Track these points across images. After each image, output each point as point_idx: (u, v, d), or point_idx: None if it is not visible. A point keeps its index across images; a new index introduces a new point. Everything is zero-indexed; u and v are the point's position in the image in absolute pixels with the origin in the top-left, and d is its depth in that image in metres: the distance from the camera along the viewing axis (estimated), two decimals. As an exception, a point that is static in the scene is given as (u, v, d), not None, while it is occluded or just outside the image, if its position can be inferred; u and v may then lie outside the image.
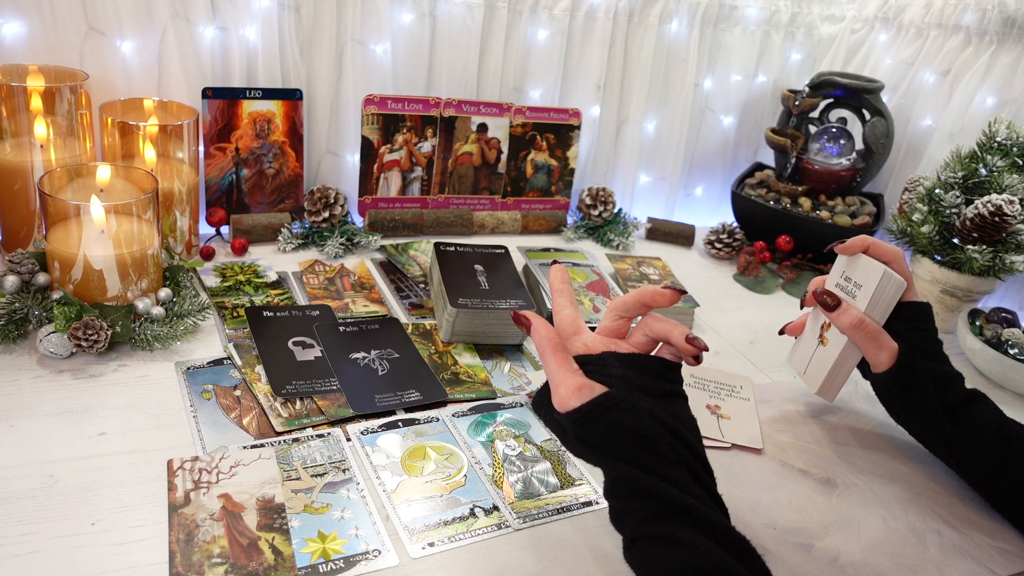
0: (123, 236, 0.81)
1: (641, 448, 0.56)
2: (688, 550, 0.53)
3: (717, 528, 0.54)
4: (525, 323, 0.63)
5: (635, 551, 0.56)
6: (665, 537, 0.53)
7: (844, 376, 0.81)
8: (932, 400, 0.76)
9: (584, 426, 0.58)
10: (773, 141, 1.33)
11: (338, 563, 0.60)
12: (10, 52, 0.94)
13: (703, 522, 0.54)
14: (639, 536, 0.55)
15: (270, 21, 1.05)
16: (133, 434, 0.70)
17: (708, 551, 0.52)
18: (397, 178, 1.20)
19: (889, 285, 0.75)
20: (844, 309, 0.76)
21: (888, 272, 0.75)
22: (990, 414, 0.75)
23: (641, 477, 0.55)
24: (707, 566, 0.52)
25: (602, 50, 1.27)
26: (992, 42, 1.24)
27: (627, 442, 0.57)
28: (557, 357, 0.60)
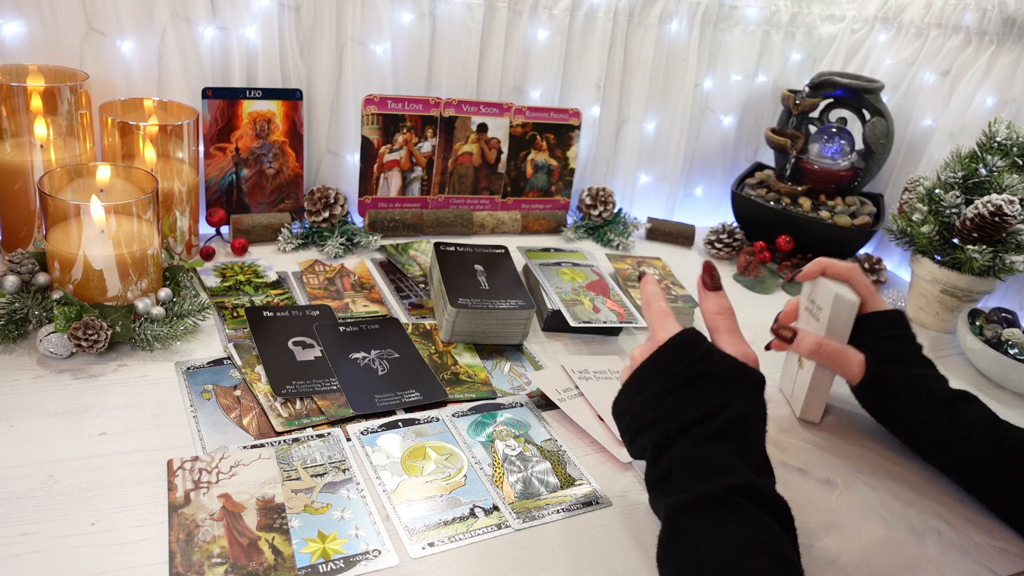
0: (123, 236, 0.81)
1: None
2: (745, 521, 0.52)
3: (778, 505, 0.55)
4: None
5: (678, 525, 0.55)
6: (724, 505, 0.53)
7: (823, 396, 0.85)
8: (912, 404, 0.77)
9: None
10: (773, 141, 1.33)
11: (338, 563, 0.60)
12: (10, 52, 0.94)
13: (761, 494, 0.54)
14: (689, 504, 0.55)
15: (270, 21, 1.05)
16: (133, 434, 0.70)
17: (766, 525, 0.52)
18: (397, 178, 1.20)
19: (842, 306, 0.79)
20: (800, 338, 0.81)
21: (839, 295, 0.79)
22: (982, 415, 0.75)
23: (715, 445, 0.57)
24: (764, 542, 0.51)
25: (602, 50, 1.27)
26: (992, 42, 1.24)
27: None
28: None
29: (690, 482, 0.56)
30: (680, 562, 0.53)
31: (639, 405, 0.63)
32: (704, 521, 0.53)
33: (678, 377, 0.61)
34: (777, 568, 0.50)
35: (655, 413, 0.61)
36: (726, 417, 0.59)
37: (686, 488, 0.56)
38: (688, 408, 0.60)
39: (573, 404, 0.82)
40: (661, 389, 0.62)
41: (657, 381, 0.62)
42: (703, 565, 0.51)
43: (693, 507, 0.54)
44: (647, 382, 0.63)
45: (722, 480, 0.55)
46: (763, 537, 0.52)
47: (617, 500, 0.71)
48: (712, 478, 0.55)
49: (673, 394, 0.61)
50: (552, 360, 0.92)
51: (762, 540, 0.52)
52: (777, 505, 0.56)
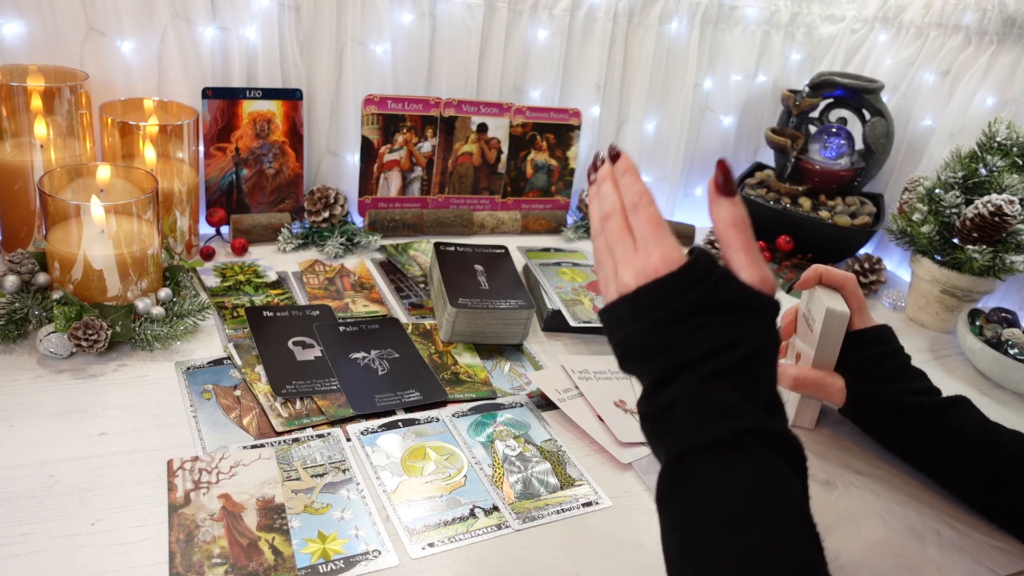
0: (123, 236, 0.81)
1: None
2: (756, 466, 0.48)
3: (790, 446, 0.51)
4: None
5: (683, 470, 0.50)
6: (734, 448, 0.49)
7: (814, 409, 0.85)
8: (897, 422, 0.77)
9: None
10: (773, 141, 1.33)
11: (338, 563, 0.60)
12: (10, 52, 0.94)
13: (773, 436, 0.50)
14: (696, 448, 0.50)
15: (270, 21, 1.05)
16: (133, 434, 0.70)
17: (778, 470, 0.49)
18: (397, 178, 1.20)
19: (834, 320, 0.79)
20: (780, 375, 0.80)
21: (830, 310, 0.79)
22: (973, 423, 0.75)
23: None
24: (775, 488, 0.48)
25: (602, 50, 1.27)
26: (992, 42, 1.24)
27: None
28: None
29: (697, 423, 0.51)
30: (685, 507, 0.49)
31: (635, 329, 0.55)
32: (712, 465, 0.49)
33: (686, 308, 0.53)
34: (789, 516, 0.47)
35: (655, 341, 0.54)
36: (737, 353, 0.52)
37: (692, 430, 0.51)
38: (695, 342, 0.53)
39: (573, 404, 0.82)
40: (663, 318, 0.53)
41: (659, 309, 0.54)
42: (711, 511, 0.48)
43: (701, 451, 0.50)
44: (647, 308, 0.54)
45: (732, 422, 0.50)
46: (775, 483, 0.48)
47: (617, 500, 0.71)
48: (721, 420, 0.50)
49: (678, 324, 0.53)
50: (552, 360, 0.92)
51: (774, 486, 0.48)
52: (789, 446, 0.51)
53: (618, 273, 0.56)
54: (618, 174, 0.61)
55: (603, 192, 0.61)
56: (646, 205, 0.58)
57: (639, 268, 0.55)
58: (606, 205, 0.60)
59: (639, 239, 0.57)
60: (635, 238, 0.57)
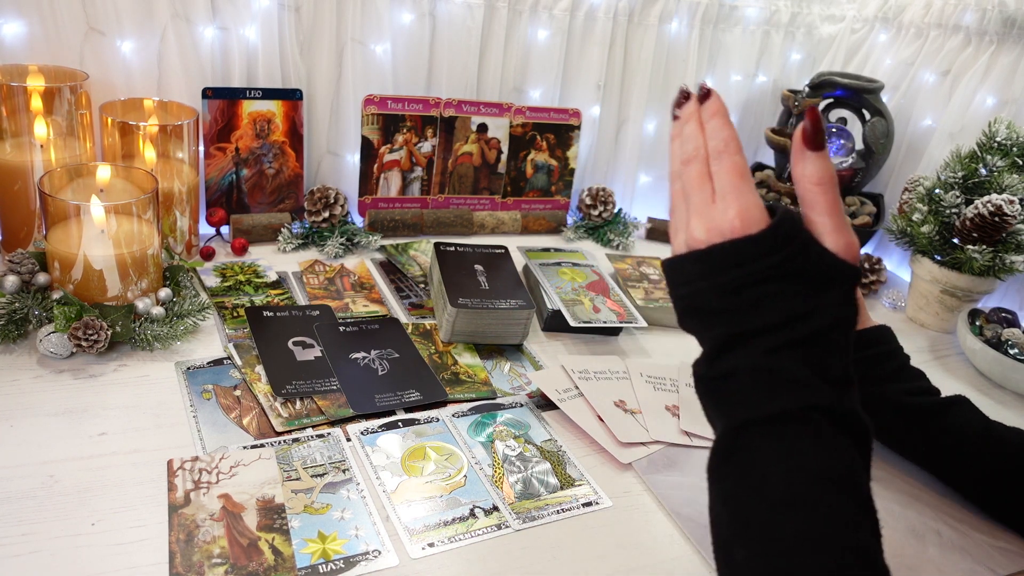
0: (123, 236, 0.81)
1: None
2: (821, 446, 0.46)
3: (859, 425, 0.48)
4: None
5: (742, 441, 0.48)
6: (800, 422, 0.46)
7: None
8: (897, 422, 0.77)
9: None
10: (773, 141, 1.33)
11: (338, 563, 0.60)
12: (10, 52, 0.94)
13: (843, 415, 0.47)
14: (760, 420, 0.47)
15: (270, 21, 1.05)
16: (133, 434, 0.70)
17: (843, 452, 0.47)
18: (397, 178, 1.20)
19: None
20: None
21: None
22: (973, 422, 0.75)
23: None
24: (840, 472, 0.45)
25: (602, 50, 1.27)
26: (992, 42, 1.24)
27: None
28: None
29: (761, 394, 0.48)
30: (741, 479, 0.47)
31: (702, 287, 0.51)
32: (774, 440, 0.47)
33: (761, 273, 0.49)
34: (850, 504, 0.45)
35: (722, 303, 0.50)
36: (812, 326, 0.49)
37: (756, 401, 0.48)
38: (767, 310, 0.49)
39: (573, 404, 0.82)
40: (735, 281, 0.50)
41: (731, 271, 0.50)
42: (769, 488, 0.45)
43: (763, 423, 0.47)
44: (718, 269, 0.50)
45: (800, 397, 0.47)
46: (839, 466, 0.46)
47: (617, 500, 0.71)
48: (788, 393, 0.47)
49: (750, 289, 0.49)
50: (552, 360, 0.92)
51: (838, 470, 0.46)
52: (858, 426, 0.48)
53: (690, 224, 0.52)
54: (705, 116, 0.55)
55: (687, 133, 0.55)
56: (732, 153, 0.53)
57: (713, 223, 0.51)
58: (688, 148, 0.55)
59: (718, 190, 0.52)
60: (714, 188, 0.52)
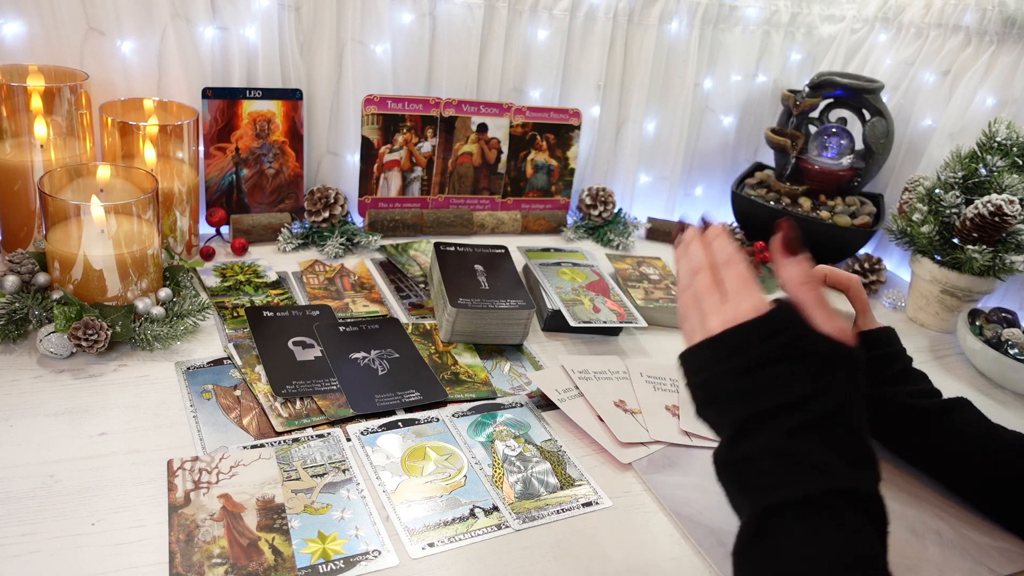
0: (123, 236, 0.81)
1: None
2: (843, 530, 0.47)
3: (879, 507, 0.50)
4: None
5: (769, 525, 0.49)
6: (822, 509, 0.48)
7: None
8: (901, 425, 0.77)
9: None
10: (773, 141, 1.33)
11: (338, 563, 0.60)
12: (10, 52, 0.94)
13: (864, 498, 0.50)
14: (783, 505, 0.49)
15: (270, 21, 1.05)
16: (133, 434, 0.70)
17: (865, 536, 0.48)
18: (397, 178, 1.20)
19: None
20: None
21: (836, 311, 0.77)
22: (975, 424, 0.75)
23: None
24: (862, 555, 0.47)
25: (602, 50, 1.27)
26: (992, 42, 1.24)
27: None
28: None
29: (783, 478, 0.50)
30: (768, 564, 0.49)
31: (717, 372, 0.55)
32: (799, 524, 0.48)
33: (770, 354, 0.54)
34: None
35: (739, 387, 0.54)
36: (824, 405, 0.52)
37: (779, 485, 0.50)
38: (780, 390, 0.53)
39: (573, 404, 0.82)
40: (748, 363, 0.54)
41: (744, 353, 0.54)
42: (795, 573, 0.47)
43: (788, 508, 0.49)
44: (731, 353, 0.55)
45: (821, 481, 0.49)
46: (861, 550, 0.48)
47: (617, 500, 0.71)
48: (810, 477, 0.50)
49: (762, 371, 0.53)
50: (552, 360, 0.92)
51: (860, 553, 0.48)
52: (878, 508, 0.51)
53: (705, 322, 0.58)
54: (711, 236, 0.65)
55: (692, 251, 0.65)
56: (738, 263, 0.61)
57: (728, 316, 0.57)
58: (695, 261, 0.63)
59: (730, 292, 0.59)
60: (724, 292, 0.59)
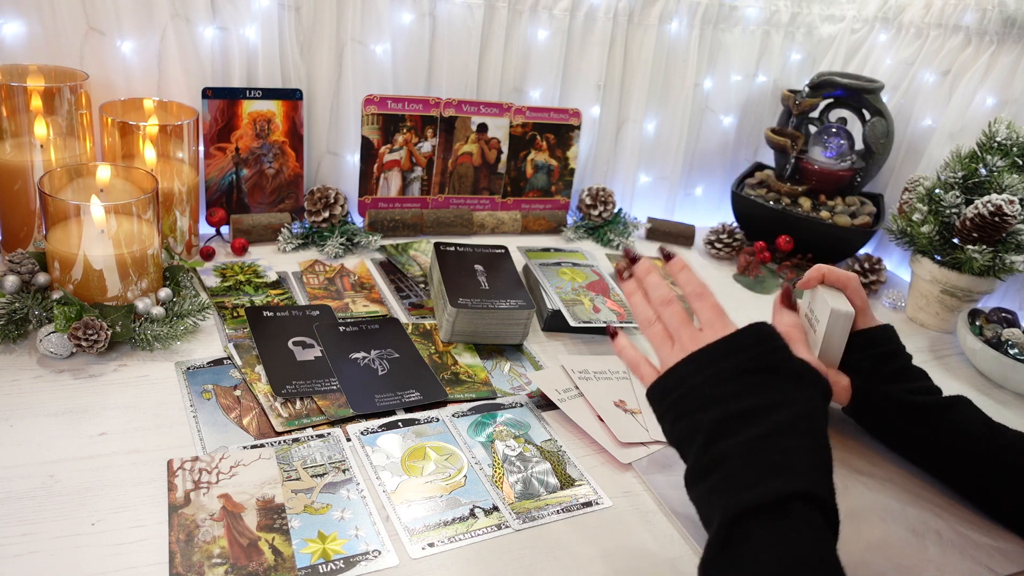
0: (123, 236, 0.81)
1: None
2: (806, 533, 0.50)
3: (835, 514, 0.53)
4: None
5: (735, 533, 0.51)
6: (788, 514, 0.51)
7: None
8: (902, 422, 0.78)
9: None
10: (773, 141, 1.33)
11: (338, 563, 0.60)
12: (10, 52, 0.94)
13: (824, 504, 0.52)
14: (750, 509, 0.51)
15: (270, 21, 1.05)
16: (133, 434, 0.70)
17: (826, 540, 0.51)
18: (397, 178, 1.20)
19: (838, 320, 0.79)
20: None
21: (835, 310, 0.78)
22: (975, 423, 0.75)
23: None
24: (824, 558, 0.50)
25: (602, 50, 1.27)
26: (992, 42, 1.24)
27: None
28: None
29: (751, 476, 0.52)
30: (732, 570, 0.50)
31: (697, 383, 0.58)
32: (764, 528, 0.50)
33: (749, 363, 0.58)
34: None
35: (716, 392, 0.57)
36: (795, 411, 0.55)
37: (746, 484, 0.52)
38: (756, 394, 0.56)
39: (573, 404, 0.82)
40: (726, 370, 0.58)
41: (725, 362, 0.58)
42: (760, 574, 0.49)
43: (755, 512, 0.51)
44: (711, 362, 0.59)
45: (788, 483, 0.52)
46: (821, 550, 0.50)
47: (617, 500, 0.71)
48: (777, 477, 0.52)
49: (740, 378, 0.57)
50: (552, 360, 0.92)
51: (820, 554, 0.50)
52: (833, 513, 0.54)
53: (685, 348, 0.61)
54: (675, 270, 0.67)
55: (652, 283, 0.67)
56: (709, 295, 0.64)
57: (707, 340, 0.60)
58: (661, 294, 0.66)
59: (704, 322, 0.63)
60: (699, 322, 0.63)
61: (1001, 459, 0.72)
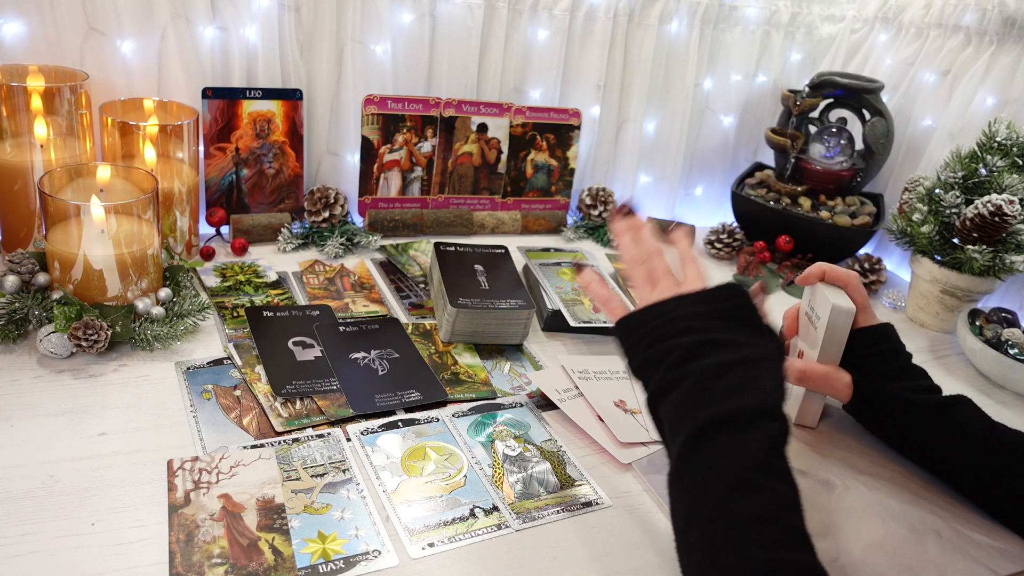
0: (123, 236, 0.81)
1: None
2: (767, 445, 0.55)
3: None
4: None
5: (702, 441, 0.56)
6: (751, 426, 0.56)
7: (818, 403, 0.85)
8: (903, 419, 0.78)
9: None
10: (773, 141, 1.33)
11: (338, 563, 0.60)
12: (10, 52, 0.94)
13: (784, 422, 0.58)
14: (719, 420, 0.56)
15: (270, 21, 1.05)
16: (133, 434, 0.70)
17: (784, 455, 0.57)
18: (397, 178, 1.20)
19: (839, 316, 0.79)
20: (785, 368, 0.80)
21: (836, 306, 0.78)
22: (976, 422, 0.75)
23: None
24: (784, 468, 0.55)
25: (602, 50, 1.27)
26: (992, 42, 1.24)
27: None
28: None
29: (721, 392, 0.58)
30: (698, 474, 0.55)
31: (678, 315, 0.64)
32: (729, 436, 0.55)
33: (726, 310, 0.64)
34: (790, 491, 0.54)
35: (695, 324, 0.63)
36: (760, 353, 0.61)
37: (716, 398, 0.57)
38: (729, 332, 0.63)
39: (573, 404, 0.82)
40: (705, 312, 0.64)
41: (704, 305, 0.65)
42: (721, 476, 0.53)
43: (723, 423, 0.56)
44: (692, 303, 0.65)
45: (753, 399, 0.57)
46: (779, 460, 0.55)
47: (617, 500, 0.71)
48: (744, 394, 0.57)
49: (717, 320, 0.63)
50: (552, 360, 0.92)
51: (780, 465, 0.55)
52: (789, 433, 0.58)
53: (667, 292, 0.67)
54: (680, 235, 0.73)
55: (646, 234, 0.74)
56: (696, 262, 0.71)
57: (685, 289, 0.67)
58: (652, 244, 0.73)
59: (688, 278, 0.69)
60: (682, 278, 0.70)
61: (1001, 459, 0.72)
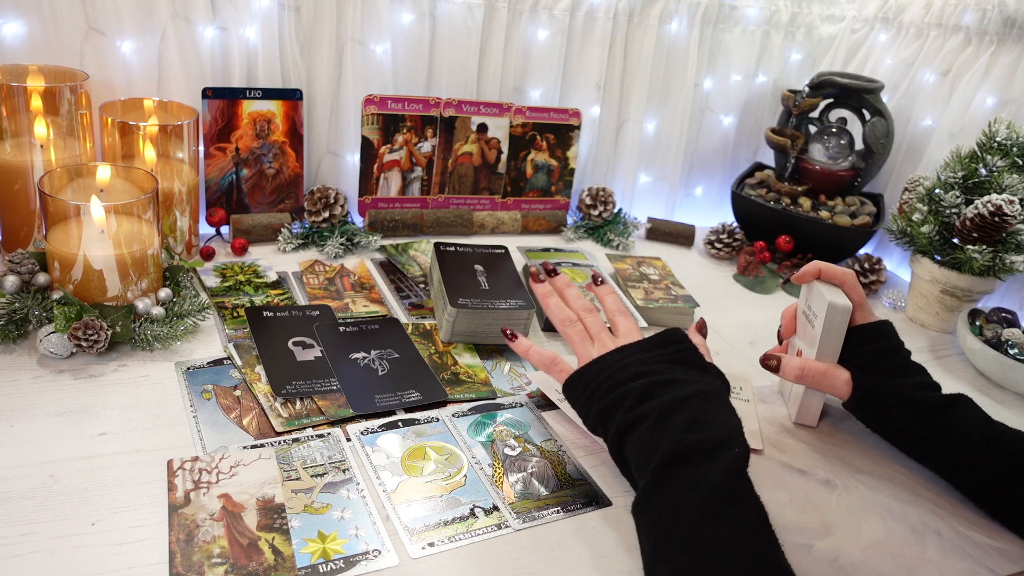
0: (123, 236, 0.81)
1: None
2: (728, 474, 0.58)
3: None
4: None
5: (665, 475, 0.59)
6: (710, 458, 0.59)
7: (817, 403, 0.85)
8: (903, 417, 0.78)
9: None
10: (773, 141, 1.33)
11: (338, 563, 0.60)
12: (10, 52, 0.94)
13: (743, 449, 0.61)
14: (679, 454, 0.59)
15: (270, 21, 1.05)
16: (133, 434, 0.70)
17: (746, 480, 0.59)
18: (397, 178, 1.20)
19: (836, 314, 0.79)
20: (784, 366, 0.82)
21: (832, 304, 0.79)
22: (975, 420, 0.75)
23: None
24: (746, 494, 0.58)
25: (602, 50, 1.27)
26: (992, 42, 1.24)
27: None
28: None
29: (680, 426, 0.61)
30: (663, 508, 0.57)
31: (626, 363, 0.70)
32: (689, 469, 0.58)
33: (669, 355, 0.71)
34: (752, 516, 0.56)
35: (644, 369, 0.68)
36: (708, 389, 0.66)
37: (678, 432, 0.61)
38: (677, 372, 0.68)
39: (573, 404, 0.82)
40: (650, 358, 0.70)
41: (647, 353, 0.71)
42: (685, 510, 0.55)
43: (687, 457, 0.59)
44: (636, 352, 0.71)
45: (711, 432, 0.61)
46: (740, 487, 0.57)
47: (617, 500, 0.71)
48: (702, 427, 0.61)
49: (662, 363, 0.69)
50: (552, 360, 0.92)
51: (738, 489, 0.57)
52: (748, 460, 0.61)
53: (608, 346, 0.74)
54: (605, 293, 0.82)
55: (573, 294, 0.82)
56: (627, 315, 0.78)
57: (624, 342, 0.74)
58: (583, 303, 0.80)
59: (623, 332, 0.76)
60: (617, 332, 0.77)
61: (1001, 458, 0.72)
